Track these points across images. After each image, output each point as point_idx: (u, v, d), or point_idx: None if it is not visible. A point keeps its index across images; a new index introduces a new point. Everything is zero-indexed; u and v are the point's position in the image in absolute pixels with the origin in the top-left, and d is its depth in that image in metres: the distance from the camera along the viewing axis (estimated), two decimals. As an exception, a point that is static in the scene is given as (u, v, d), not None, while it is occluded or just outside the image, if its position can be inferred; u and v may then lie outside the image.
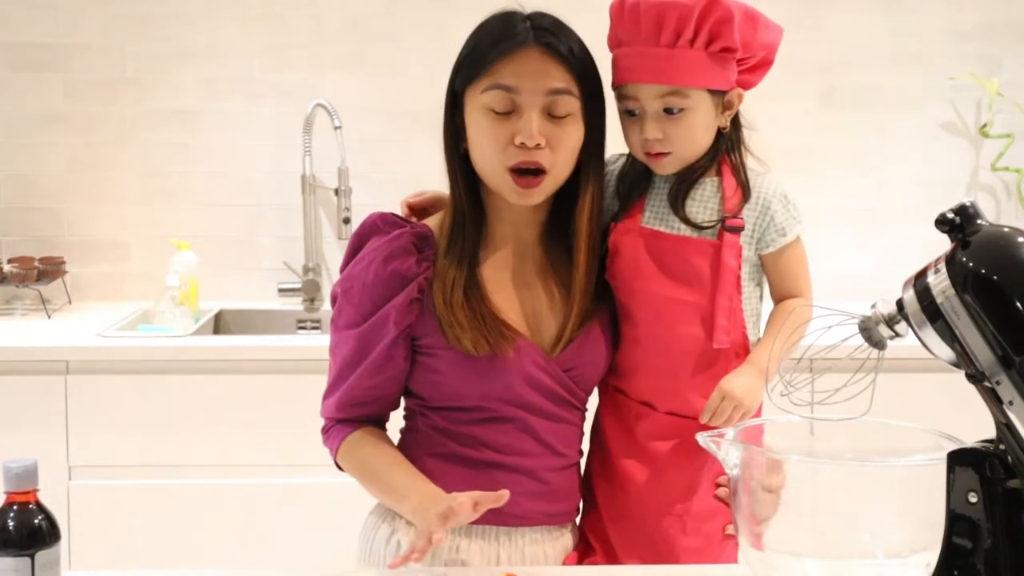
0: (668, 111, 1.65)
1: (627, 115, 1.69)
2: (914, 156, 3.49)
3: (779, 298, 1.73)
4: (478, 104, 1.61)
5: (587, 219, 1.67)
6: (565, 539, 1.73)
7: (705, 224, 1.67)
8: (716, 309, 1.65)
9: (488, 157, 1.61)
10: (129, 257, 3.44)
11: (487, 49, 1.61)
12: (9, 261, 3.28)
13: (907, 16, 3.45)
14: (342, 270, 1.70)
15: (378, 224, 1.67)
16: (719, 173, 1.71)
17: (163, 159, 3.42)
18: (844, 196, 3.49)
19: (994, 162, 3.46)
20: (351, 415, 1.68)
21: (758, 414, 1.69)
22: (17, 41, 3.36)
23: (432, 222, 1.70)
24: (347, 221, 3.34)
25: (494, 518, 1.65)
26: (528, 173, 1.60)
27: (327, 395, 1.69)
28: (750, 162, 1.74)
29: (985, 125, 3.46)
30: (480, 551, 1.66)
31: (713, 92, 1.67)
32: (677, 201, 1.69)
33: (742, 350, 1.68)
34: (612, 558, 1.70)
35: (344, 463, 1.68)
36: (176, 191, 3.43)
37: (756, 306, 1.72)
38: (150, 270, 3.39)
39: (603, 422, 1.76)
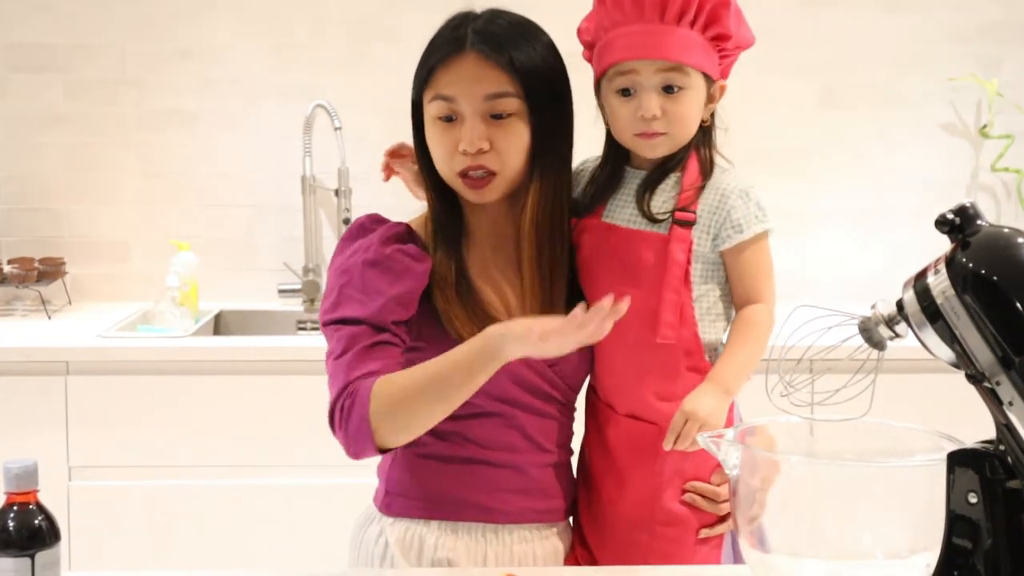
0: (668, 89, 1.64)
1: (620, 96, 1.66)
2: (914, 157, 3.49)
3: (739, 302, 1.69)
4: (428, 114, 1.64)
5: (530, 221, 1.65)
6: (554, 540, 1.72)
7: (658, 216, 1.66)
8: (661, 303, 1.63)
9: (441, 164, 1.64)
10: (129, 258, 3.44)
11: (430, 59, 1.64)
12: (9, 262, 3.28)
13: (907, 17, 3.45)
14: (330, 277, 1.67)
15: (366, 225, 1.68)
16: (683, 169, 1.69)
17: (163, 160, 3.42)
18: (844, 197, 3.49)
19: (994, 163, 3.46)
20: (371, 368, 1.54)
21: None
22: (17, 41, 3.37)
23: (414, 223, 1.71)
24: (347, 222, 3.34)
25: (481, 515, 1.66)
26: (477, 176, 1.61)
27: (335, 376, 1.57)
28: (719, 161, 1.73)
29: (985, 126, 3.46)
30: (466, 549, 1.66)
31: (707, 78, 1.66)
32: (643, 195, 1.67)
33: (694, 347, 1.65)
34: (591, 562, 1.70)
35: (384, 394, 1.51)
36: (176, 192, 3.43)
37: (715, 305, 1.68)
38: (150, 271, 3.39)
39: (585, 425, 1.77)
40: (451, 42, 1.62)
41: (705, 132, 1.71)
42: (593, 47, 1.70)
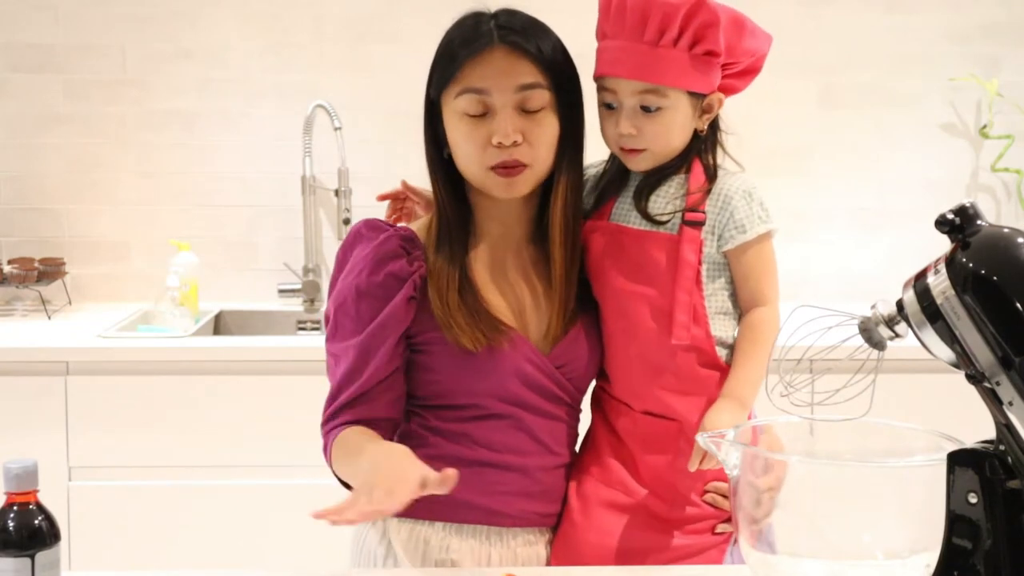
0: (645, 108, 1.65)
1: (605, 108, 1.69)
2: (914, 157, 3.49)
3: (744, 305, 1.69)
4: (453, 109, 1.63)
5: (560, 211, 1.67)
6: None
7: (664, 217, 1.67)
8: (675, 304, 1.64)
9: (469, 160, 1.63)
10: (129, 258, 3.44)
11: (454, 54, 1.63)
12: (9, 262, 3.28)
13: (907, 17, 3.45)
14: (331, 287, 1.69)
15: (362, 232, 1.68)
16: (688, 171, 1.69)
17: (163, 160, 3.42)
18: (844, 197, 3.49)
19: (994, 163, 3.46)
20: (351, 417, 1.62)
21: None
22: (17, 42, 3.36)
23: (416, 226, 1.71)
24: (347, 222, 3.34)
25: (485, 518, 1.66)
26: (509, 167, 1.61)
27: (327, 407, 1.65)
28: (728, 164, 1.73)
29: (985, 126, 3.46)
30: (471, 551, 1.66)
31: (692, 94, 1.66)
32: (641, 196, 1.69)
33: (707, 346, 1.66)
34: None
35: (335, 455, 1.60)
36: (176, 192, 3.43)
37: (724, 304, 1.68)
38: (150, 271, 3.39)
39: (592, 422, 1.77)
40: (477, 37, 1.62)
41: (705, 140, 1.71)
42: None
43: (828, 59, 3.45)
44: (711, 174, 1.69)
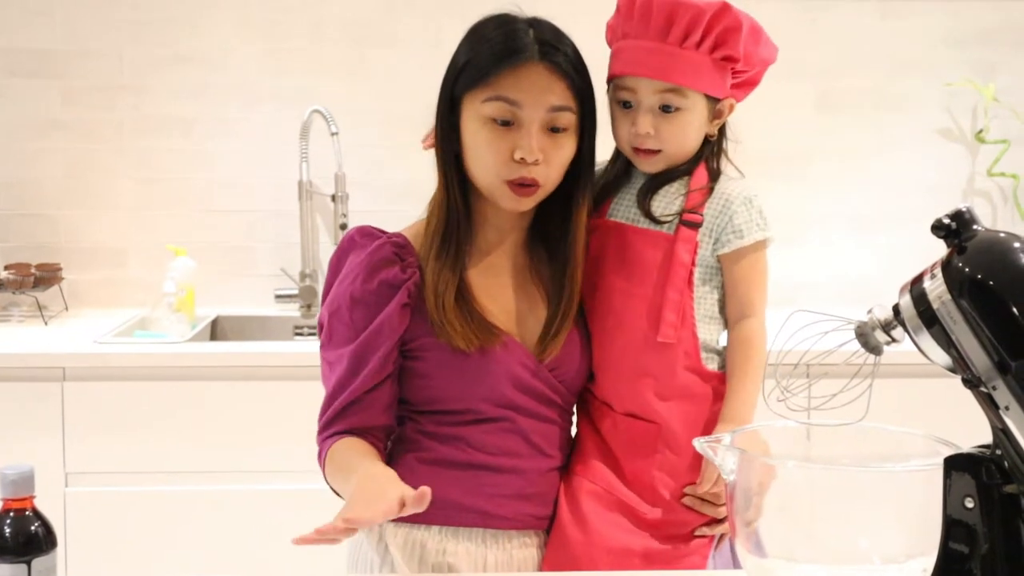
0: (665, 108, 1.65)
1: (620, 107, 1.69)
2: (911, 161, 3.49)
3: (731, 313, 1.70)
4: (478, 113, 1.62)
5: (581, 231, 1.68)
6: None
7: (664, 217, 1.67)
8: (664, 302, 1.64)
9: (486, 168, 1.62)
10: (126, 264, 3.44)
11: (491, 59, 1.61)
12: (6, 268, 3.28)
13: (904, 22, 3.45)
14: (325, 293, 1.69)
15: (356, 239, 1.68)
16: (690, 173, 1.70)
17: (160, 165, 3.42)
18: (840, 201, 3.49)
19: (990, 167, 3.47)
20: (345, 426, 1.63)
21: None
22: (15, 47, 3.36)
23: (409, 233, 1.71)
24: (344, 227, 3.34)
25: (481, 520, 1.67)
26: (524, 184, 1.61)
27: (321, 414, 1.66)
28: (730, 171, 1.75)
29: (981, 131, 3.47)
30: (467, 553, 1.66)
31: (708, 98, 1.68)
32: (645, 196, 1.69)
33: (692, 348, 1.67)
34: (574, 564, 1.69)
35: (328, 469, 1.63)
36: (173, 197, 3.43)
37: (712, 308, 1.69)
38: (147, 277, 3.38)
39: (579, 424, 1.77)
40: (518, 48, 1.60)
41: (714, 145, 1.73)
42: None
43: (825, 63, 3.46)
44: (713, 175, 1.71)
